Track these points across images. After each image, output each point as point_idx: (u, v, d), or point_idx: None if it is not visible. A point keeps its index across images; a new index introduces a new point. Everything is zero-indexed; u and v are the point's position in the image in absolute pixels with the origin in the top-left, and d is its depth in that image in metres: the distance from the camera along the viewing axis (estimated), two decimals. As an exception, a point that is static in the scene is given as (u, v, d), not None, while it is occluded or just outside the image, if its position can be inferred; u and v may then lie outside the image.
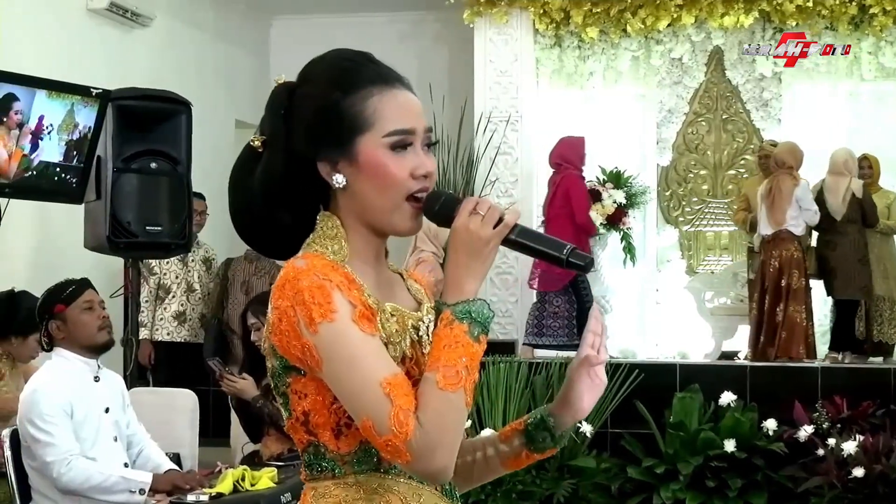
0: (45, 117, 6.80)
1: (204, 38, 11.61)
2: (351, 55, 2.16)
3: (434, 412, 1.94)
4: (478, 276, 2.05)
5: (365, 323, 2.00)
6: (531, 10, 11.18)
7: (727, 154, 11.92)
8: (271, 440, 5.94)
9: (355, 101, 2.09)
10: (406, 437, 1.92)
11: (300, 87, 2.15)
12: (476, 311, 2.01)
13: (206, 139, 9.59)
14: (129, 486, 4.96)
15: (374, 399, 1.94)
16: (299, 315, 1.98)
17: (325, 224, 2.14)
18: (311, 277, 1.99)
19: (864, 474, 7.92)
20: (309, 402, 2.05)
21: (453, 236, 2.06)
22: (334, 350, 1.97)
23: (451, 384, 1.95)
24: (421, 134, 2.12)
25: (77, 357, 5.10)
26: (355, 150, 2.08)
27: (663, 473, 8.43)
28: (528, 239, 2.09)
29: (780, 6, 10.80)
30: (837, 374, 9.03)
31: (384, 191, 2.09)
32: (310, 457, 2.10)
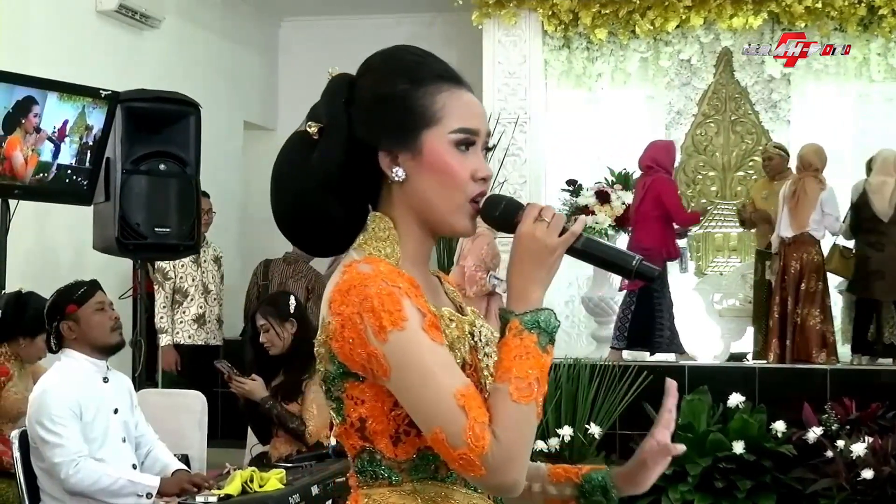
0: (54, 119, 6.83)
1: (212, 40, 11.63)
2: (416, 50, 2.12)
3: (509, 425, 1.89)
4: (543, 285, 2.01)
5: (434, 332, 1.94)
6: (540, 11, 11.18)
7: (736, 155, 11.91)
8: (280, 441, 5.95)
9: (424, 94, 2.04)
10: (482, 451, 1.87)
11: (363, 77, 2.10)
12: (544, 321, 1.97)
13: (214, 140, 9.61)
14: (136, 490, 4.96)
15: (448, 411, 1.89)
16: (367, 322, 1.92)
17: (376, 225, 2.09)
18: (379, 283, 1.93)
19: (872, 476, 7.91)
20: (366, 408, 2.00)
21: (518, 243, 2.01)
22: (405, 359, 1.91)
23: (524, 396, 1.90)
24: (483, 136, 2.09)
25: (86, 358, 5.10)
26: (419, 143, 2.03)
27: (672, 475, 8.41)
28: (594, 249, 2.06)
29: (789, 7, 10.79)
30: (846, 375, 9.02)
31: (445, 188, 2.04)
32: (363, 463, 2.05)
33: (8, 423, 5.92)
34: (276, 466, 5.23)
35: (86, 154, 6.95)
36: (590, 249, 2.05)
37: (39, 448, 4.95)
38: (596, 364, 8.96)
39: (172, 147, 7.18)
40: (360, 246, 2.08)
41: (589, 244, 2.05)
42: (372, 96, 2.05)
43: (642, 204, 9.84)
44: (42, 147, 6.80)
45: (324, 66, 8.68)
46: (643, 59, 11.57)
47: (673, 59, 11.55)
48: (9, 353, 6.10)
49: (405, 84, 2.04)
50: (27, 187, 6.73)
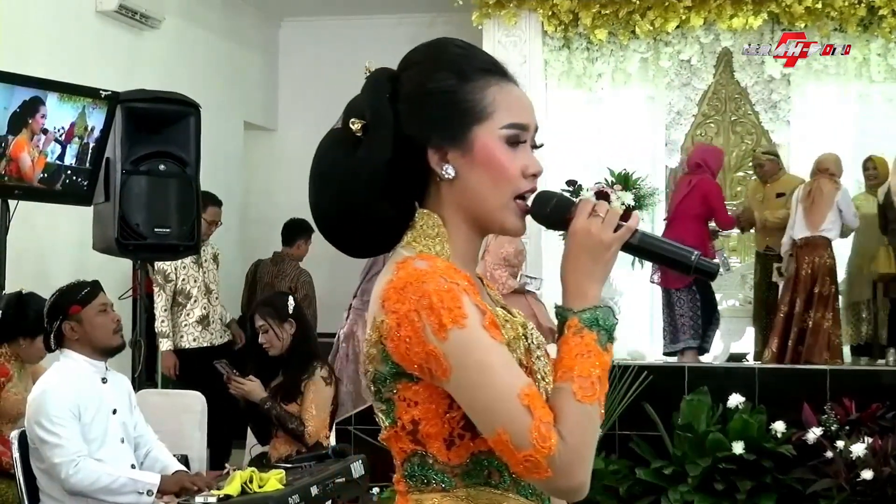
0: (54, 120, 6.83)
1: (213, 40, 11.63)
2: (461, 43, 2.06)
3: (575, 425, 1.85)
4: (600, 281, 1.97)
5: (494, 330, 1.89)
6: (540, 11, 11.18)
7: (736, 156, 11.91)
8: (279, 442, 5.96)
9: (473, 88, 1.99)
10: (549, 452, 1.81)
11: (407, 72, 2.04)
12: (603, 319, 1.93)
13: (215, 141, 9.61)
14: (136, 488, 4.97)
15: (512, 411, 1.83)
16: (425, 320, 1.86)
17: (424, 222, 2.03)
18: (438, 280, 1.88)
19: (872, 476, 7.91)
20: (420, 411, 1.93)
21: (573, 239, 1.97)
22: (466, 358, 1.85)
23: (587, 396, 1.86)
24: (532, 131, 2.05)
25: (85, 359, 5.10)
26: (470, 139, 1.98)
27: (672, 475, 8.43)
28: (650, 244, 2.02)
29: (789, 8, 10.79)
30: (846, 376, 9.02)
31: (496, 185, 1.99)
32: (413, 467, 1.98)
33: (8, 424, 5.92)
34: (275, 467, 5.25)
35: (85, 154, 6.95)
36: (646, 245, 2.01)
37: (39, 449, 4.95)
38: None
39: (172, 147, 7.19)
40: (408, 243, 2.02)
41: (645, 239, 2.01)
42: (419, 91, 2.00)
43: (685, 200, 9.88)
44: (49, 148, 6.80)
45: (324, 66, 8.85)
46: (643, 59, 11.56)
47: (673, 59, 11.54)
48: (9, 354, 6.11)
49: (453, 78, 2.00)
50: (27, 187, 6.73)
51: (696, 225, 9.80)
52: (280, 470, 4.93)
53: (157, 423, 5.56)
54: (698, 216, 9.81)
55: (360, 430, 9.02)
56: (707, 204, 9.82)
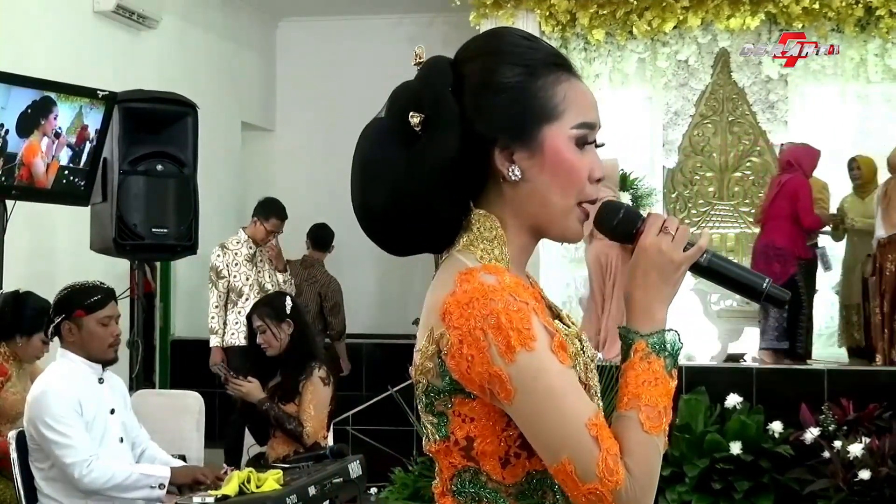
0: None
1: (210, 40, 11.63)
2: (525, 34, 1.94)
3: (642, 458, 1.77)
4: (668, 303, 1.88)
5: (562, 353, 1.79)
6: (537, 11, 11.19)
7: (733, 156, 11.93)
8: (277, 442, 5.95)
9: (545, 85, 1.87)
10: (615, 486, 1.73)
11: (469, 63, 1.90)
12: (671, 343, 1.85)
13: (212, 141, 9.61)
14: (150, 482, 4.97)
15: (579, 441, 1.74)
16: (492, 340, 1.74)
17: (482, 224, 1.91)
18: (507, 298, 1.76)
19: (870, 476, 7.91)
20: (477, 427, 1.83)
21: (642, 256, 1.88)
22: (533, 383, 1.75)
23: (654, 427, 1.79)
24: (597, 131, 1.94)
25: (82, 360, 5.09)
26: (539, 140, 1.86)
27: (669, 476, 8.42)
28: (720, 267, 1.93)
29: (787, 8, 10.80)
30: (843, 376, 9.03)
31: (564, 189, 1.88)
32: (463, 483, 1.88)
33: (6, 424, 5.92)
34: (273, 467, 5.24)
35: (82, 154, 6.94)
36: (715, 267, 1.93)
37: (45, 449, 4.94)
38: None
39: (170, 147, 7.19)
40: (466, 248, 1.91)
41: (714, 261, 1.92)
42: (485, 85, 1.87)
43: (775, 201, 9.81)
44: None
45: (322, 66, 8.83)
46: (641, 59, 11.58)
47: (670, 59, 11.56)
48: (7, 353, 6.11)
49: (521, 73, 1.87)
50: (25, 187, 6.72)
51: (788, 225, 9.67)
52: (278, 470, 4.92)
53: (155, 424, 5.56)
54: (789, 216, 9.67)
55: (357, 431, 9.03)
56: (796, 203, 9.66)
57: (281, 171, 12.80)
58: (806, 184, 9.79)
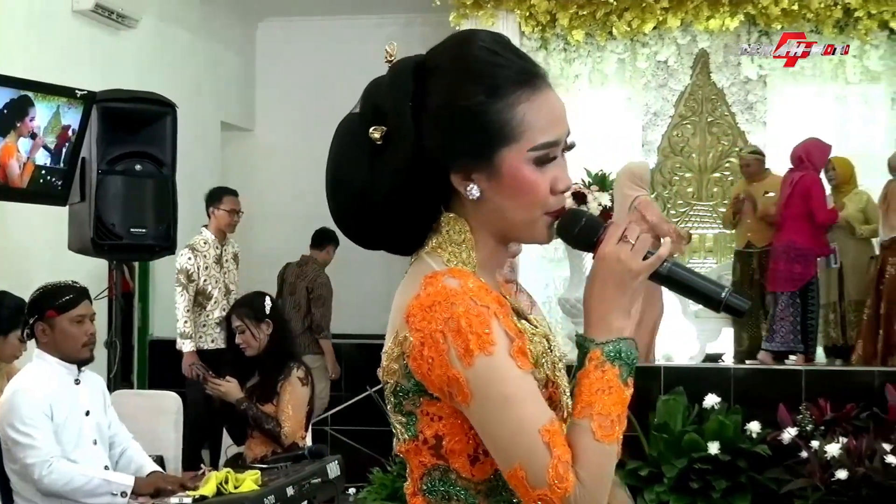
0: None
1: (189, 40, 11.60)
2: (490, 43, 1.90)
3: (593, 466, 1.78)
4: (625, 312, 1.88)
5: (522, 358, 1.81)
6: (517, 12, 11.20)
7: (712, 157, 11.96)
8: (255, 442, 5.95)
9: (502, 107, 1.85)
10: (564, 493, 1.74)
11: (435, 79, 1.89)
12: (626, 352, 1.86)
13: (191, 141, 9.59)
14: (110, 489, 4.94)
15: (531, 447, 1.76)
16: (451, 343, 1.77)
17: (451, 227, 1.94)
18: (468, 302, 1.79)
19: (847, 476, 7.93)
20: (445, 426, 1.86)
21: (600, 265, 1.88)
22: (490, 388, 1.77)
23: (607, 435, 1.80)
24: (563, 141, 1.92)
25: (57, 361, 5.07)
26: (497, 163, 1.86)
27: (648, 476, 8.44)
28: (680, 276, 1.93)
29: (766, 9, 10.84)
30: (821, 376, 9.06)
31: (524, 208, 1.89)
32: (433, 482, 1.90)
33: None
34: (251, 467, 5.23)
35: (60, 154, 6.92)
36: (676, 276, 1.92)
37: (11, 450, 4.93)
38: (571, 365, 8.93)
39: (149, 147, 7.18)
40: (434, 250, 1.94)
41: (675, 270, 1.92)
42: (445, 107, 1.87)
43: (789, 201, 9.74)
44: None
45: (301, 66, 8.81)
46: (620, 60, 11.61)
47: (650, 60, 11.59)
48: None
49: (482, 94, 1.85)
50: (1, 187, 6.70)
51: (806, 225, 9.61)
52: (256, 470, 4.92)
53: (133, 424, 5.54)
54: (805, 215, 9.61)
55: (336, 431, 9.03)
56: (809, 201, 9.60)
57: (260, 170, 12.78)
58: (817, 180, 9.72)
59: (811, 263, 9.61)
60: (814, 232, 9.62)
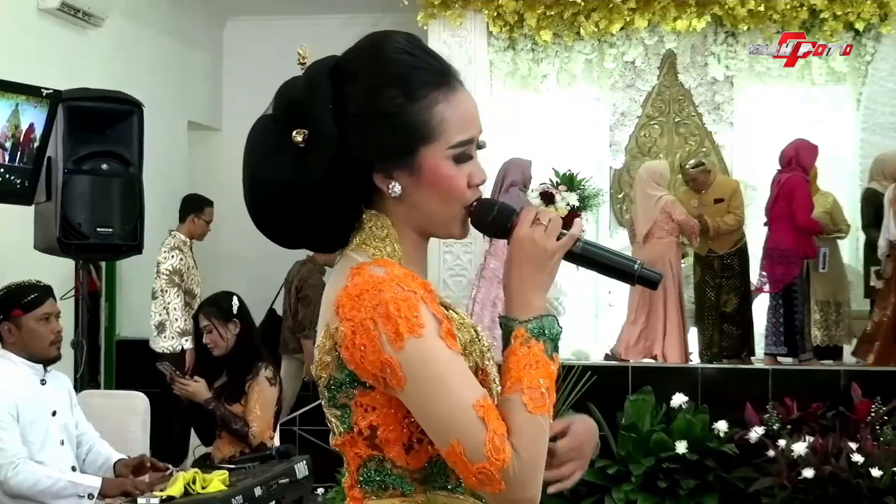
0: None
1: (157, 39, 11.55)
2: (405, 45, 1.98)
3: (528, 437, 1.84)
4: (544, 290, 1.96)
5: (451, 340, 1.87)
6: (485, 12, 11.19)
7: (679, 157, 11.97)
8: (223, 443, 5.93)
9: (421, 108, 1.94)
10: (502, 465, 1.80)
11: (353, 83, 1.96)
12: (548, 328, 1.93)
13: (158, 140, 9.54)
14: (77, 491, 4.92)
15: (467, 423, 1.81)
16: (381, 329, 1.83)
17: (373, 224, 2.01)
18: (395, 288, 1.85)
19: (814, 475, 7.97)
20: (378, 416, 1.92)
21: (516, 248, 1.96)
22: (422, 369, 1.83)
23: (538, 407, 1.86)
24: (477, 139, 2.02)
25: (23, 361, 5.05)
26: (417, 161, 1.94)
27: (616, 475, 8.46)
28: (593, 253, 2.02)
29: (732, 10, 10.88)
30: (788, 375, 9.10)
31: (444, 203, 1.98)
32: (369, 472, 1.96)
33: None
34: (219, 467, 5.22)
35: (17, 152, 6.85)
36: (589, 254, 2.01)
37: (-23, 451, 4.89)
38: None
39: (115, 146, 7.14)
40: (358, 246, 2.00)
41: (588, 248, 2.01)
42: (365, 111, 1.94)
43: (776, 202, 9.75)
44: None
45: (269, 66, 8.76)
46: (588, 60, 11.62)
47: (617, 60, 11.61)
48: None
49: (400, 97, 1.93)
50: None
51: (791, 226, 9.59)
52: (223, 471, 4.91)
53: (100, 424, 5.51)
54: (789, 217, 9.61)
55: (304, 431, 9.00)
56: (791, 202, 9.60)
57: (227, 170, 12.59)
58: (802, 182, 9.71)
59: (794, 265, 9.63)
60: (798, 233, 9.63)
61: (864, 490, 7.95)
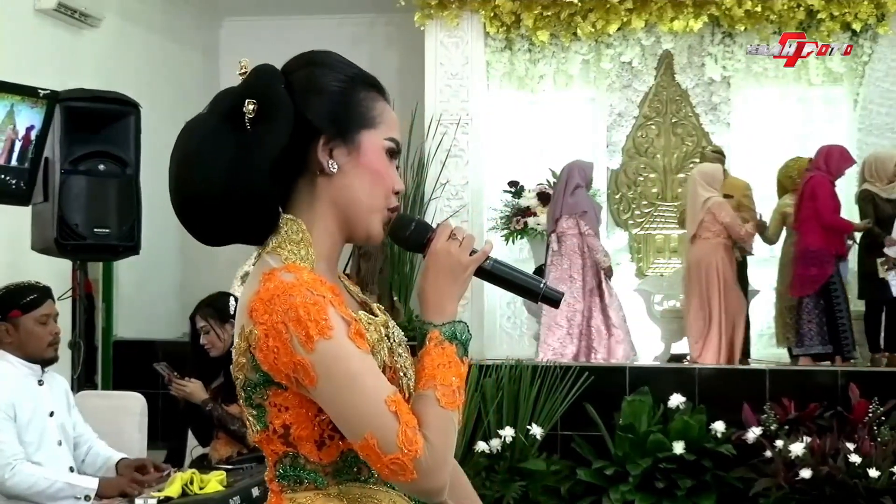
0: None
1: (153, 39, 11.55)
2: (342, 57, 2.17)
3: (438, 430, 1.95)
4: (457, 298, 2.09)
5: (359, 340, 1.98)
6: (482, 13, 11.20)
7: (676, 157, 11.99)
8: (220, 443, 5.92)
9: (364, 96, 2.11)
10: (415, 455, 1.91)
11: (297, 73, 2.11)
12: (460, 333, 2.06)
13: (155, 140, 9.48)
14: (74, 492, 4.91)
15: (380, 417, 1.92)
16: (293, 332, 1.93)
17: (289, 227, 2.10)
18: (304, 293, 1.95)
19: (811, 475, 7.98)
20: (291, 415, 2.02)
21: (433, 259, 2.09)
22: (333, 368, 1.93)
23: (450, 402, 1.98)
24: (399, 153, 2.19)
25: (20, 361, 5.04)
26: (358, 140, 2.09)
27: (613, 475, 8.46)
28: (501, 271, 2.15)
29: (729, 11, 10.89)
30: (785, 376, 9.10)
31: (373, 189, 2.11)
32: (285, 468, 2.07)
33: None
34: (216, 468, 5.21)
35: (13, 153, 6.83)
36: (497, 271, 2.15)
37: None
38: (537, 365, 8.99)
39: (112, 147, 7.13)
40: (273, 250, 2.08)
41: (497, 266, 2.15)
42: (314, 86, 2.08)
43: (802, 204, 9.72)
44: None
45: (265, 65, 8.35)
46: (585, 61, 11.62)
47: (614, 61, 11.61)
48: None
49: (344, 81, 2.10)
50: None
51: (815, 226, 9.58)
52: (221, 471, 4.90)
53: (98, 425, 5.50)
54: (814, 217, 9.58)
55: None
56: (814, 201, 9.59)
57: (224, 171, 12.73)
58: (824, 181, 9.66)
59: (827, 264, 9.58)
60: (825, 232, 9.59)
61: (862, 490, 7.96)
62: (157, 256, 10.40)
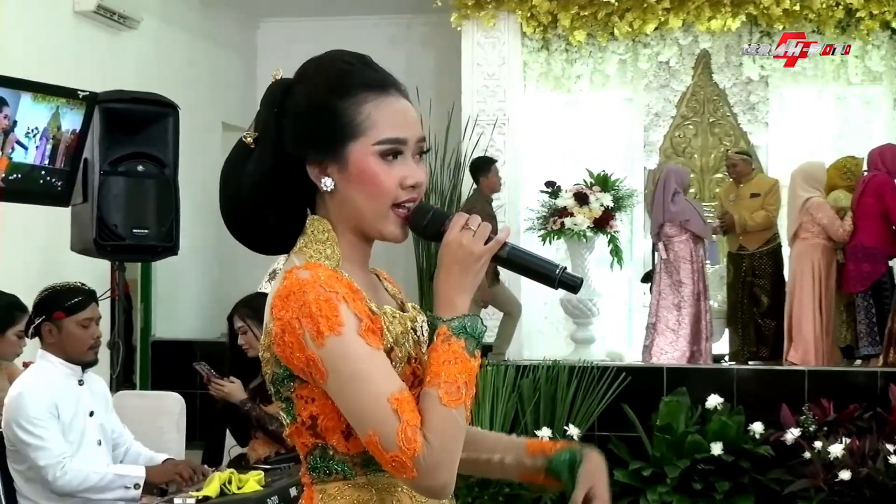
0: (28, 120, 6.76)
1: (191, 41, 11.60)
2: (348, 57, 2.15)
3: (438, 429, 1.96)
4: (468, 292, 2.07)
5: (371, 337, 2.00)
6: (518, 13, 11.20)
7: (714, 157, 11.95)
8: (259, 443, 5.93)
9: (349, 105, 2.08)
10: (413, 454, 1.93)
11: (296, 86, 2.15)
12: (471, 327, 2.04)
13: (193, 142, 9.58)
14: (124, 483, 4.94)
15: (381, 414, 1.95)
16: (305, 327, 1.98)
17: (315, 227, 2.14)
18: (317, 290, 1.99)
19: (850, 477, 7.93)
20: (317, 406, 2.06)
21: (445, 251, 2.07)
22: (341, 363, 1.97)
23: (453, 400, 1.98)
24: (413, 143, 2.11)
25: (61, 361, 5.06)
26: (345, 155, 2.07)
27: (650, 476, 8.44)
28: (518, 258, 2.12)
29: (768, 10, 10.84)
30: (824, 376, 9.04)
31: (371, 198, 2.09)
32: (316, 460, 2.11)
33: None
34: (254, 468, 5.22)
35: (56, 155, 6.89)
36: (514, 258, 2.11)
37: (20, 451, 4.91)
38: (574, 365, 8.98)
39: (150, 148, 7.16)
40: (300, 250, 2.13)
41: (514, 252, 2.11)
42: (301, 107, 2.11)
43: (861, 199, 9.69)
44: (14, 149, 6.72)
45: (303, 67, 8.34)
46: (622, 60, 11.60)
47: (651, 61, 11.58)
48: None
49: (331, 95, 2.09)
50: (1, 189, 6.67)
51: (877, 223, 9.56)
52: (259, 471, 4.91)
53: (135, 425, 5.53)
54: (878, 214, 9.56)
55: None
56: (882, 201, 9.56)
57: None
58: (889, 181, 9.66)
59: (880, 262, 9.57)
60: (884, 231, 9.58)
61: (901, 492, 7.91)
62: (194, 257, 10.48)
